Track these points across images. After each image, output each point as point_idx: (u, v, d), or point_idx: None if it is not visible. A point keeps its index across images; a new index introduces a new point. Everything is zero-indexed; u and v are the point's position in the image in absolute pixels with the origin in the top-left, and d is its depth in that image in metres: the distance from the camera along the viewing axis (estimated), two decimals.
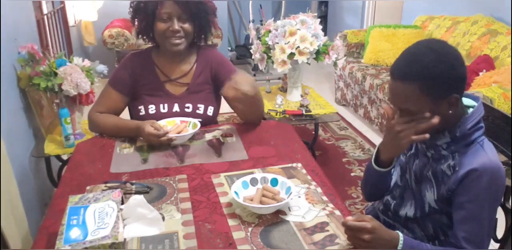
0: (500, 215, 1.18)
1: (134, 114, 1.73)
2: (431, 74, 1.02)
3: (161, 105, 1.68)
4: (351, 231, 1.00)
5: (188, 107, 1.69)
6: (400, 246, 1.03)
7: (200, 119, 1.64)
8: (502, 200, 1.18)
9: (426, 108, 1.05)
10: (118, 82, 1.69)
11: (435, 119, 1.04)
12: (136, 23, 1.68)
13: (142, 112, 1.68)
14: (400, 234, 1.04)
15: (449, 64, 1.03)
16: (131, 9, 1.67)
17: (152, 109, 1.68)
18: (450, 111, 1.07)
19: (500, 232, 1.25)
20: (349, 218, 1.01)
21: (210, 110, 1.72)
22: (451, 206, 1.13)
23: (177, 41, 1.61)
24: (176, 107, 1.68)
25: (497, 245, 1.27)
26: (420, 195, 1.20)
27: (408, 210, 1.23)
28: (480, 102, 1.13)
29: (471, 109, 1.12)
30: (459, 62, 1.05)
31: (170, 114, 1.67)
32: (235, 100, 1.55)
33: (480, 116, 1.10)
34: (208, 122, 1.72)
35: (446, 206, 1.15)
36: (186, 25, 1.61)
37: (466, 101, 1.16)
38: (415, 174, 1.21)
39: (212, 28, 1.72)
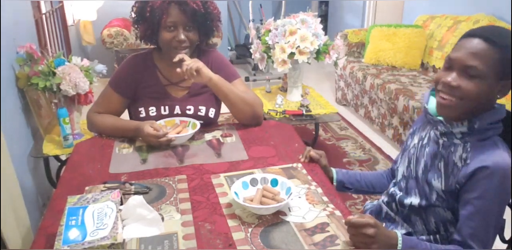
0: (508, 215, 1.17)
1: (134, 116, 1.72)
2: (510, 47, 1.04)
3: (162, 108, 1.67)
4: (355, 229, 1.00)
5: (189, 110, 1.68)
6: (399, 246, 1.03)
7: (201, 121, 1.63)
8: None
9: (490, 75, 1.04)
10: (119, 84, 1.68)
11: None
12: (139, 29, 1.65)
13: (143, 114, 1.67)
14: (398, 234, 1.05)
15: None
16: (133, 14, 1.64)
17: (152, 111, 1.66)
18: (498, 96, 1.08)
19: (508, 233, 1.24)
20: (351, 217, 1.01)
21: (212, 112, 1.71)
22: (457, 201, 1.12)
23: (183, 51, 1.60)
24: (177, 110, 1.67)
25: (504, 246, 1.26)
26: (426, 183, 1.19)
27: (413, 199, 1.23)
28: (503, 105, 1.14)
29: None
30: None
31: (171, 116, 1.66)
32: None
33: (501, 116, 1.11)
34: (209, 124, 1.72)
35: (452, 200, 1.14)
36: (191, 34, 1.60)
37: None
38: (425, 163, 1.20)
39: (215, 31, 1.71)
